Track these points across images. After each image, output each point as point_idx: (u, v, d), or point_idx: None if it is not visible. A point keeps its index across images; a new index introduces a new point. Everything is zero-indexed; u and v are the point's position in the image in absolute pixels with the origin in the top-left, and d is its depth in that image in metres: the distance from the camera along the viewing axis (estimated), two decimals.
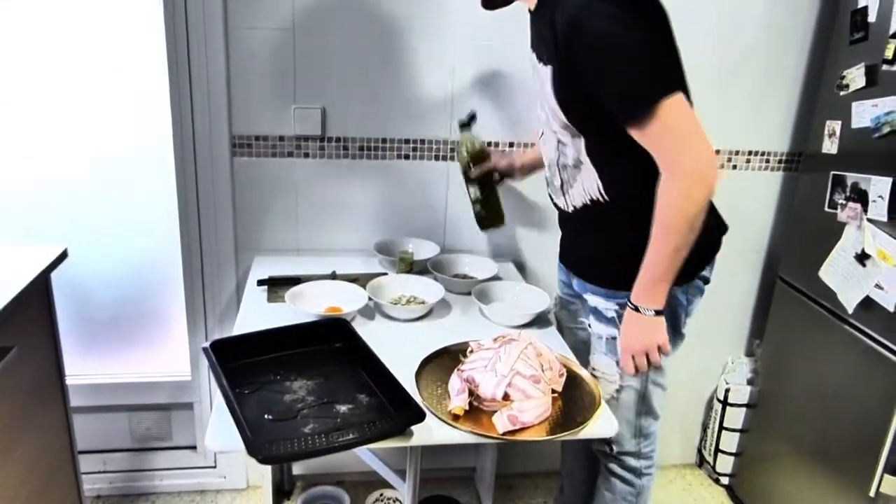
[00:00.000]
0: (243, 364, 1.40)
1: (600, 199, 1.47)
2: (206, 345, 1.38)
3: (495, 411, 1.26)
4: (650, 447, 1.69)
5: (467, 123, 1.92)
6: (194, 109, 1.94)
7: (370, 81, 1.99)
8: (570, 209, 1.56)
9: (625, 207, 1.44)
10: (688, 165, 1.27)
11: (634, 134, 1.30)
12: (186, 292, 2.11)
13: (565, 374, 1.41)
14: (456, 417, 1.25)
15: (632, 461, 1.68)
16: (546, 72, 1.40)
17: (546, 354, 1.38)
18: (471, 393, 1.30)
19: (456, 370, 1.35)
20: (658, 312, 1.42)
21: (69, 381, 1.77)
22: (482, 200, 1.93)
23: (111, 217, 2.07)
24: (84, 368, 2.18)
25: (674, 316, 1.54)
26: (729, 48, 2.12)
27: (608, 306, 1.54)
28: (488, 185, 1.93)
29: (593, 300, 1.58)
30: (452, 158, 2.09)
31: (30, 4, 1.85)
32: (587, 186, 1.48)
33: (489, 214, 1.94)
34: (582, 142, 1.43)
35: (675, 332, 1.57)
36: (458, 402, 1.27)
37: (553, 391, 1.35)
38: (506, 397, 1.28)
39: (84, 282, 2.11)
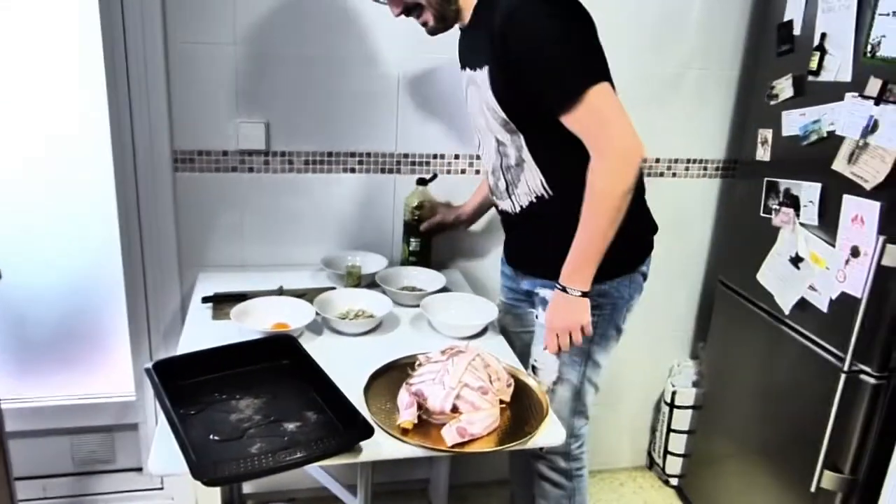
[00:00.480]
0: (188, 384, 1.37)
1: (545, 194, 1.53)
2: (149, 365, 1.35)
3: (445, 424, 1.27)
4: (580, 449, 1.72)
5: (426, 181, 2.01)
6: (134, 124, 1.90)
7: (315, 95, 1.98)
8: (518, 209, 1.60)
9: (569, 199, 1.46)
10: (615, 145, 1.36)
11: (565, 120, 1.38)
12: (129, 310, 2.06)
13: (513, 384, 1.43)
14: (405, 431, 1.25)
15: (560, 462, 1.70)
16: (482, 74, 1.47)
17: (494, 365, 1.39)
18: (420, 406, 1.30)
19: (404, 384, 1.35)
20: (584, 294, 1.47)
21: (5, 405, 1.71)
22: (419, 252, 2.03)
23: (48, 232, 2.01)
24: (21, 390, 2.10)
25: (615, 310, 1.59)
26: (665, 60, 2.18)
27: None
28: (427, 239, 2.04)
29: (544, 292, 1.60)
30: (399, 171, 2.09)
31: None
32: (532, 184, 1.53)
33: (418, 263, 2.04)
34: (522, 139, 1.49)
35: (617, 329, 1.63)
36: (407, 416, 1.27)
37: (501, 401, 1.36)
38: (455, 409, 1.29)
39: (20, 300, 2.04)
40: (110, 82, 1.86)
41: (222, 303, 1.77)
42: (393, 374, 1.44)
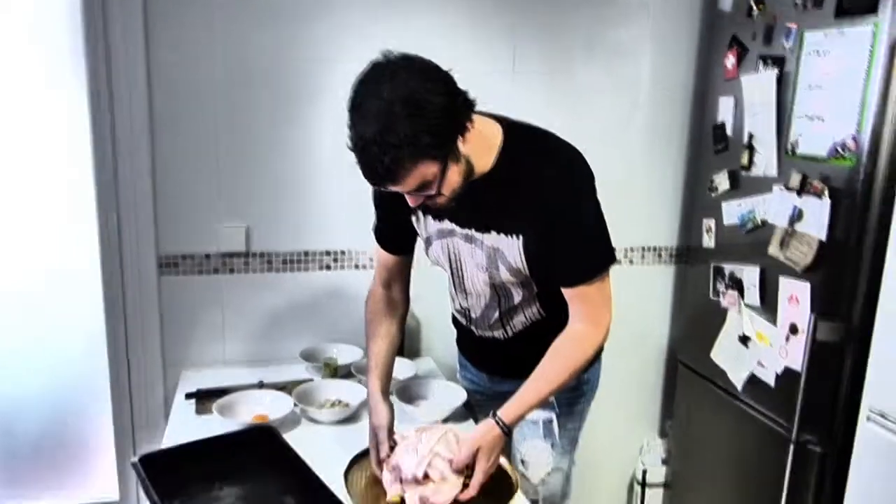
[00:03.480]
0: (172, 477, 1.43)
1: (539, 317, 1.56)
2: (135, 460, 1.42)
3: None
4: None
5: None
6: (121, 233, 2.04)
7: (292, 199, 2.14)
8: (510, 334, 1.60)
9: (559, 313, 1.50)
10: (607, 320, 1.46)
11: (573, 290, 1.42)
12: (114, 412, 2.13)
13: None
14: None
15: None
16: (510, 240, 1.42)
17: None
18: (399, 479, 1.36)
19: (385, 464, 1.42)
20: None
21: None
22: None
23: (34, 334, 2.09)
24: (5, 496, 2.13)
25: (592, 392, 1.69)
26: (616, 155, 2.37)
27: None
28: None
29: None
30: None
31: None
32: (528, 314, 1.56)
33: None
34: (533, 287, 1.51)
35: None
36: (394, 490, 1.33)
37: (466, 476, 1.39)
38: (426, 477, 1.34)
39: (5, 403, 2.10)
40: (100, 193, 2.01)
41: (205, 398, 1.85)
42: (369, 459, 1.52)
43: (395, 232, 1.61)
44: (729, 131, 2.14)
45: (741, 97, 2.07)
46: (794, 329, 1.85)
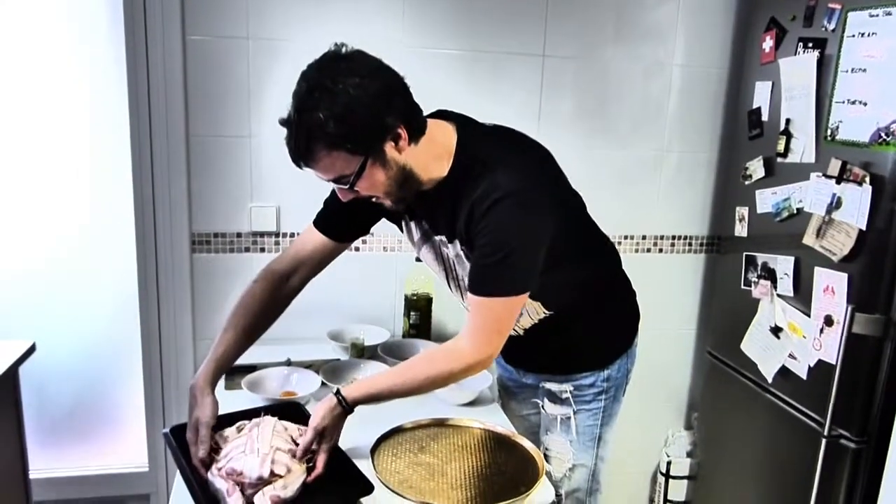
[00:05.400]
0: None
1: (545, 314, 1.54)
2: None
3: None
4: None
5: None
6: (156, 210, 2.06)
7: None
8: (521, 333, 1.59)
9: (569, 310, 1.54)
10: (487, 347, 1.39)
11: (472, 299, 1.38)
12: (146, 384, 2.16)
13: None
14: None
15: None
16: (457, 246, 1.45)
17: (291, 428, 1.43)
18: (239, 485, 1.27)
19: (212, 471, 1.32)
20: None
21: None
22: (419, 325, 2.16)
23: (69, 309, 2.14)
24: (39, 462, 2.18)
25: (618, 389, 1.66)
26: (647, 144, 2.35)
27: (563, 388, 1.63)
28: (426, 313, 2.17)
29: (548, 384, 1.66)
30: (400, 250, 2.23)
31: None
32: (530, 313, 1.55)
33: (418, 335, 2.16)
34: None
35: (620, 403, 1.69)
36: (239, 498, 1.25)
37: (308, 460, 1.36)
38: (272, 474, 1.29)
39: (42, 373, 2.14)
40: (135, 171, 2.04)
41: (234, 374, 1.87)
42: (399, 438, 1.53)
43: (347, 215, 1.58)
44: (765, 117, 2.10)
45: (778, 81, 2.03)
46: (828, 321, 1.82)
